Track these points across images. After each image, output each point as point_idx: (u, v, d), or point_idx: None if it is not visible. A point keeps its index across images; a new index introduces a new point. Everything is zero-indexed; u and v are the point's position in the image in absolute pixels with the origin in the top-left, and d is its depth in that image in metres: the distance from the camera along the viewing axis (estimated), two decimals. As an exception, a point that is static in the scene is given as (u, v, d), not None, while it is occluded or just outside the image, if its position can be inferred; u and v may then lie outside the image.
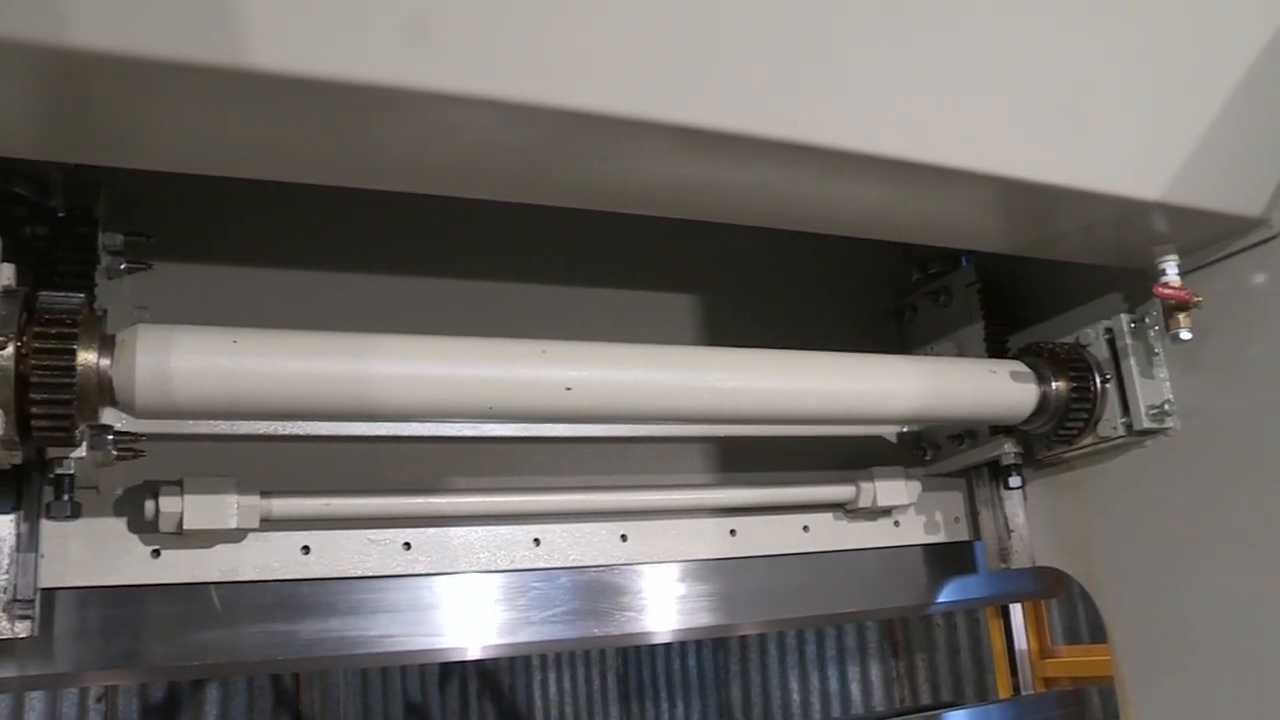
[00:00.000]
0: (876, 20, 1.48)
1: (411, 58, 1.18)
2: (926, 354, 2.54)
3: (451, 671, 8.07)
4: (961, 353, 2.46)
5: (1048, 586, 2.75)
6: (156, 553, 1.79)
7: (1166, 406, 2.13)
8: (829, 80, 1.46)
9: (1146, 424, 2.13)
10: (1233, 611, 2.04)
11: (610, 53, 1.29)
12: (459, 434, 2.10)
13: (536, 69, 1.25)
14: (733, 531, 2.28)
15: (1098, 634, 4.54)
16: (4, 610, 1.57)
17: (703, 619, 2.25)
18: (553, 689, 8.54)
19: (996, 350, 2.41)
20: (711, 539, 2.26)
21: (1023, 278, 2.45)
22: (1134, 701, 2.23)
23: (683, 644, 8.17)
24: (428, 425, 2.06)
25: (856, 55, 1.47)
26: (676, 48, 1.33)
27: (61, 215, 1.71)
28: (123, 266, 1.82)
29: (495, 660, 8.21)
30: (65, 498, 1.58)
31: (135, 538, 1.78)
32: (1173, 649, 2.16)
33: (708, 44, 1.35)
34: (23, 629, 1.58)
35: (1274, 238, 1.95)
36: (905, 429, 2.56)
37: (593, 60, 1.28)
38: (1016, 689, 5.77)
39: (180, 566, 1.80)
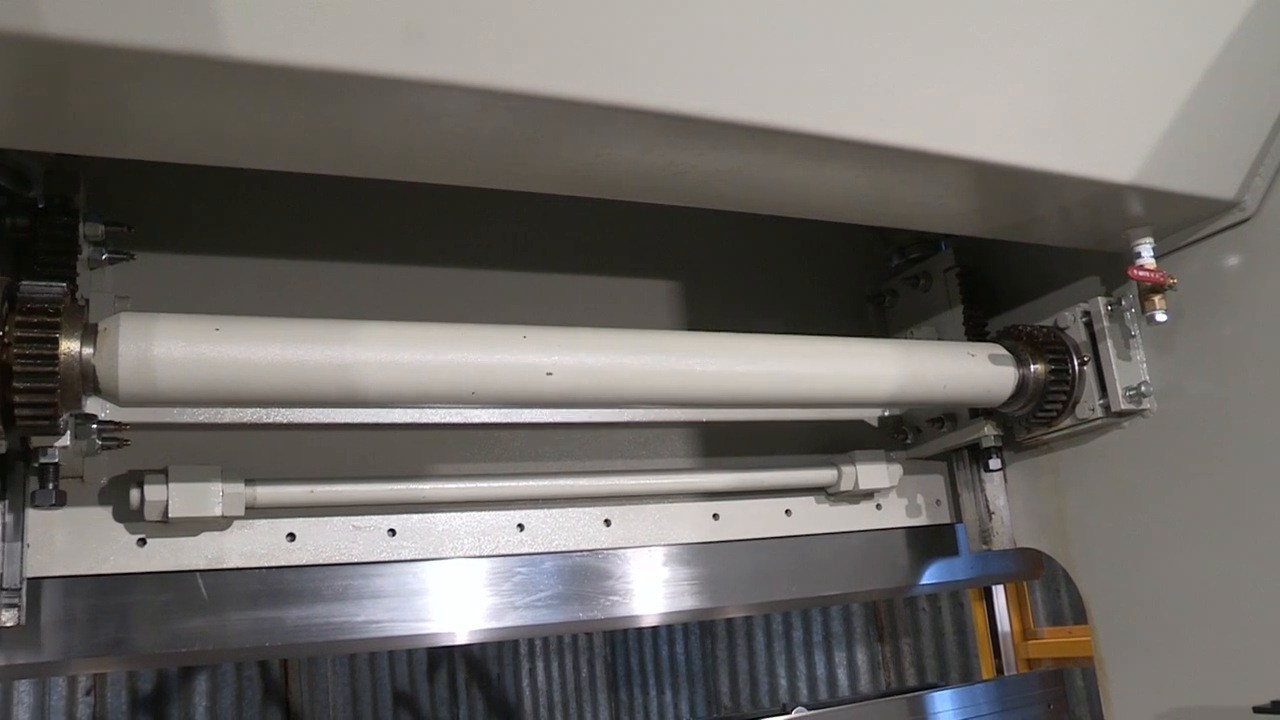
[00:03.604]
0: (852, 7, 1.49)
1: (390, 46, 1.19)
2: (906, 338, 2.56)
3: (440, 660, 8.09)
4: (941, 337, 2.48)
5: (1028, 568, 2.78)
6: (142, 541, 1.80)
7: (1143, 388, 2.15)
8: (804, 66, 1.47)
9: (1124, 405, 2.15)
10: (1207, 590, 2.07)
11: (587, 39, 1.30)
12: (442, 420, 2.11)
13: (514, 56, 1.25)
14: (715, 516, 2.30)
15: (1080, 615, 4.58)
16: (-9, 599, 1.59)
17: (687, 602, 2.27)
18: (540, 677, 8.57)
19: (975, 334, 2.43)
20: (694, 523, 2.27)
21: (1001, 262, 2.48)
22: (1113, 679, 2.26)
23: (670, 631, 8.20)
24: (411, 412, 2.07)
25: (832, 41, 1.48)
26: (653, 34, 1.34)
27: (41, 206, 1.72)
28: (104, 257, 1.82)
29: (483, 649, 8.24)
30: (50, 486, 1.58)
31: (121, 526, 1.79)
32: (1150, 627, 2.18)
33: (683, 30, 1.36)
34: (9, 618, 1.59)
35: (1246, 220, 1.97)
36: (886, 413, 2.57)
37: (570, 47, 1.29)
38: (1000, 670, 5.80)
39: (166, 555, 1.81)
